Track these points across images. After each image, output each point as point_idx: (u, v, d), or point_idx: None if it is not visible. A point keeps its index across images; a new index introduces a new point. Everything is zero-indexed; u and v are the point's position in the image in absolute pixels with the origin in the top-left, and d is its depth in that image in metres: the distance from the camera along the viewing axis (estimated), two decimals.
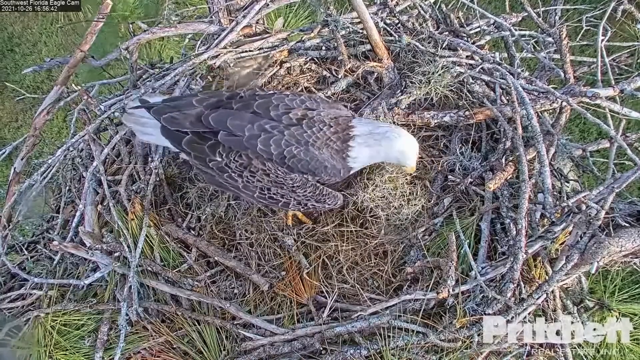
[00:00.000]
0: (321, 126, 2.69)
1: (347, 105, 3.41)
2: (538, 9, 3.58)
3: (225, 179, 2.74)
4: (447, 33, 3.61)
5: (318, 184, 2.76)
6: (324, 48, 3.59)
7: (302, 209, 2.92)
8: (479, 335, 2.57)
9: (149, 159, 3.37)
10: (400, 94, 3.22)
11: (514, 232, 2.72)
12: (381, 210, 3.10)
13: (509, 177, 2.95)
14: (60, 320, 3.03)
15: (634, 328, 2.85)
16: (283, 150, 2.62)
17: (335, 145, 2.69)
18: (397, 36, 3.48)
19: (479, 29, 3.71)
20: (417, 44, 3.31)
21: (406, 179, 3.16)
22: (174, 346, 2.91)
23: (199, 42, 3.96)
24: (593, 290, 3.06)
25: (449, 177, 3.20)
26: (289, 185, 2.71)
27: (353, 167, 2.79)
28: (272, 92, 2.85)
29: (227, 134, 2.65)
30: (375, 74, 3.43)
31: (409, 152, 2.74)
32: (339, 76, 3.44)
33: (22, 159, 3.67)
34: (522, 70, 3.32)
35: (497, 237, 2.93)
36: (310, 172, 2.70)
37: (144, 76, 3.84)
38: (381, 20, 3.54)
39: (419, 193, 3.15)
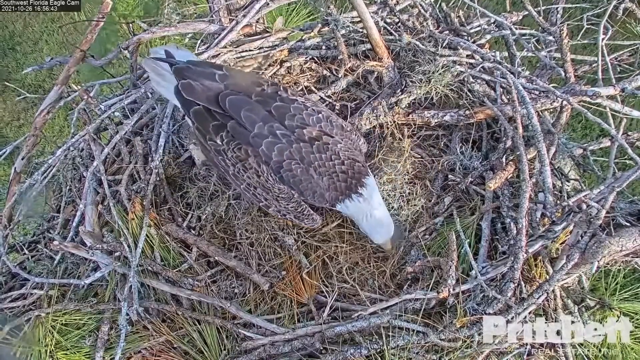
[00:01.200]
0: (333, 157, 2.69)
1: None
2: (539, 8, 3.57)
3: (219, 160, 2.73)
4: (447, 32, 3.60)
5: (302, 203, 2.78)
6: (324, 47, 3.57)
7: (279, 217, 2.94)
8: (479, 335, 2.56)
9: (149, 158, 3.38)
10: (400, 93, 3.21)
11: (515, 232, 2.72)
12: None
13: (509, 176, 2.94)
14: (61, 320, 3.03)
15: (635, 327, 2.85)
16: (282, 161, 2.62)
17: (339, 183, 2.74)
18: (397, 35, 3.47)
19: (479, 28, 3.70)
20: (418, 43, 3.30)
21: (405, 179, 3.15)
22: (175, 346, 2.90)
23: (199, 42, 3.95)
24: (595, 288, 3.06)
25: (450, 176, 3.20)
26: (275, 194, 2.72)
27: (336, 208, 2.87)
28: (294, 97, 2.79)
29: (236, 122, 2.62)
30: (376, 73, 3.42)
31: (384, 240, 2.95)
32: (339, 75, 3.43)
33: (22, 159, 3.66)
34: (523, 69, 3.31)
35: (497, 237, 2.93)
36: (298, 191, 2.72)
37: (144, 75, 3.83)
38: (381, 20, 3.53)
39: (419, 192, 3.15)
